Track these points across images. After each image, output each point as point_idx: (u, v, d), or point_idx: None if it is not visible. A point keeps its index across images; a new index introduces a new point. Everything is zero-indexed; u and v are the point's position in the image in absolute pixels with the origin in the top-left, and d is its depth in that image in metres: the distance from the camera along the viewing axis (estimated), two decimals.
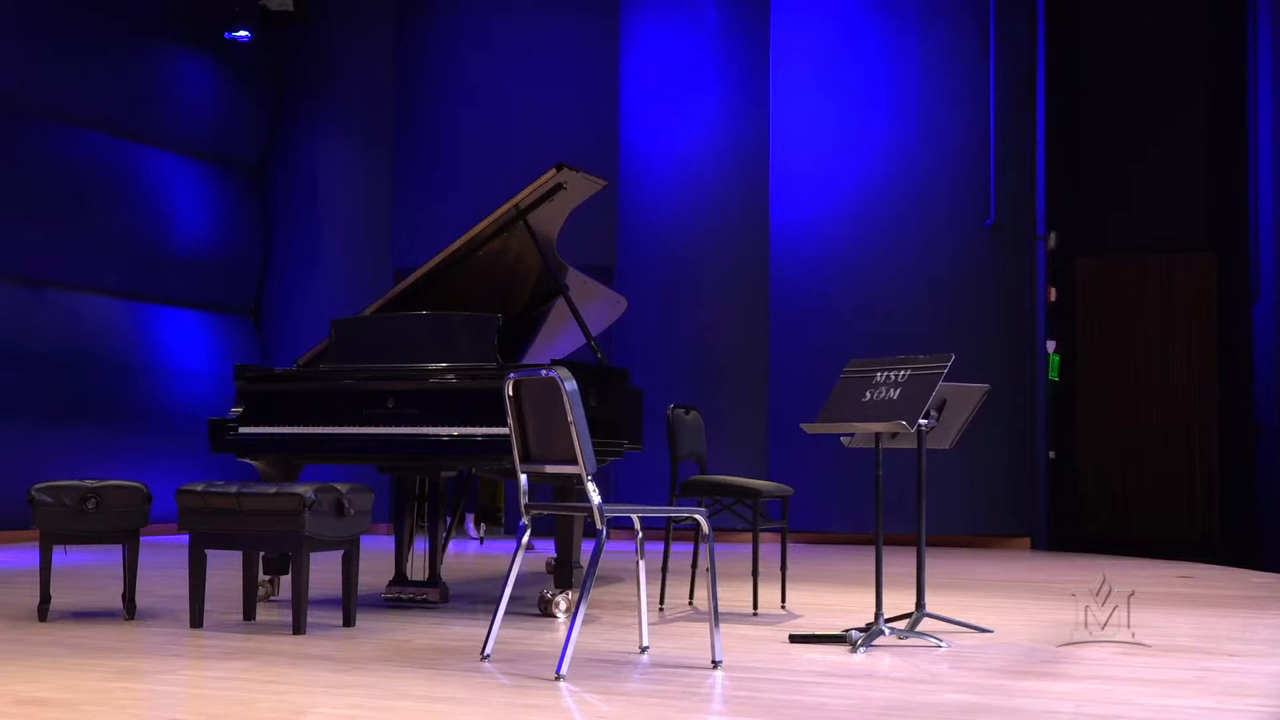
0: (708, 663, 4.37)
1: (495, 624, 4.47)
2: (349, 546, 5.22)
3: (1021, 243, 10.56)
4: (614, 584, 6.96)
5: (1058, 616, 5.61)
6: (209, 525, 5.11)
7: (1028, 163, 10.59)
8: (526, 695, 3.85)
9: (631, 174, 11.21)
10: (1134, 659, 4.55)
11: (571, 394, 4.17)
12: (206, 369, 11.49)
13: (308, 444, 5.95)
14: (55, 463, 9.31)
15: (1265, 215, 9.84)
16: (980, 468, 10.23)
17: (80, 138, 10.57)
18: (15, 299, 9.98)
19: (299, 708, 3.63)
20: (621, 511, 4.34)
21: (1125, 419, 11.74)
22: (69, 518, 5.41)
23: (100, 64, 10.68)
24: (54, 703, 3.66)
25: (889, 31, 10.88)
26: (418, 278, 6.35)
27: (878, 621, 4.88)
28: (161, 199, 11.31)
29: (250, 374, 6.16)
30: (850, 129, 10.88)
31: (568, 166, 6.18)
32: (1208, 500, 11.48)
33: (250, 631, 5.12)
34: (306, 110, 12.35)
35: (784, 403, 10.68)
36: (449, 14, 12.20)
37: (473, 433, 5.61)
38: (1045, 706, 3.70)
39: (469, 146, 11.88)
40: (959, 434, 5.32)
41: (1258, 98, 10.14)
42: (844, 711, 3.62)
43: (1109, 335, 11.86)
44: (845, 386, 5.12)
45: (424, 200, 11.96)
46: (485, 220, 6.28)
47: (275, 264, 12.37)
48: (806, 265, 10.87)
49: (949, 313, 10.52)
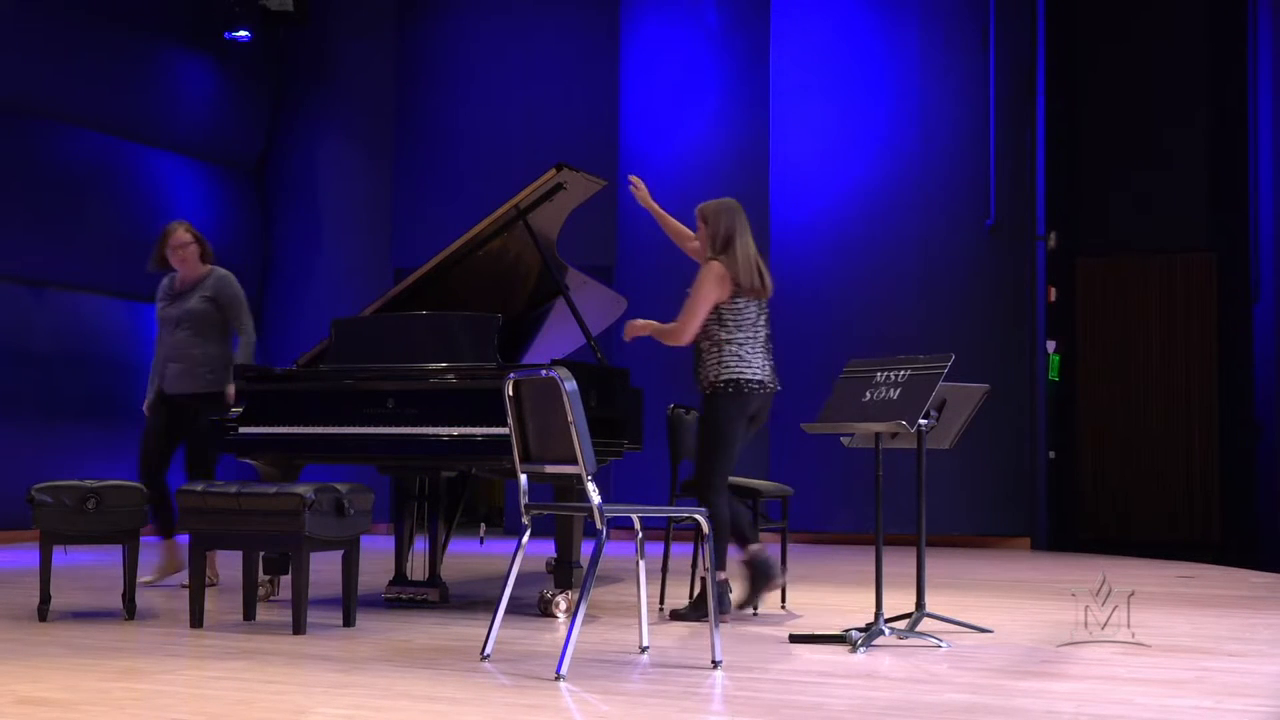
0: (708, 663, 4.37)
1: (495, 624, 4.47)
2: (349, 546, 5.22)
3: (1021, 243, 10.56)
4: (614, 584, 6.96)
5: (1058, 616, 5.61)
6: (209, 525, 5.12)
7: (1028, 163, 10.59)
8: (526, 695, 3.85)
9: (631, 173, 11.19)
10: (1134, 659, 4.55)
11: (571, 394, 4.17)
12: None
13: (308, 444, 5.95)
14: (55, 463, 9.31)
15: (1265, 216, 9.84)
16: (980, 468, 10.23)
17: (80, 138, 10.57)
18: (15, 299, 9.98)
19: (299, 708, 3.63)
20: (621, 511, 4.34)
21: (1125, 419, 11.74)
22: (69, 518, 5.41)
23: (100, 64, 10.68)
24: (54, 703, 3.66)
25: (889, 31, 10.88)
26: (418, 277, 6.35)
27: (878, 621, 4.88)
28: (161, 199, 11.31)
29: (250, 374, 6.16)
30: (850, 129, 10.88)
31: (568, 166, 6.17)
32: (1208, 500, 11.48)
33: (250, 631, 5.12)
34: (306, 110, 12.35)
35: (784, 403, 10.64)
36: (449, 14, 12.20)
37: (473, 433, 5.61)
38: (1045, 706, 3.70)
39: (469, 146, 11.88)
40: (959, 434, 5.32)
41: (1258, 98, 10.14)
42: (844, 711, 3.62)
43: (1109, 335, 11.86)
44: (845, 386, 5.12)
45: (424, 200, 11.96)
46: (485, 220, 6.27)
47: (275, 264, 12.36)
48: (806, 265, 10.87)
49: (949, 313, 10.52)
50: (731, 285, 5.55)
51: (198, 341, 6.81)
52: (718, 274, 5.55)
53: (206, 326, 6.82)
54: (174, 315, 6.88)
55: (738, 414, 5.57)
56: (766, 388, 5.64)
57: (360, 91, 12.27)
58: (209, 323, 6.83)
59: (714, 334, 5.60)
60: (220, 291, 6.86)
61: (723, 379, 5.55)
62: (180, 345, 6.82)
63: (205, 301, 6.83)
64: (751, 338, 5.60)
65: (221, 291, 6.86)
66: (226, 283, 6.90)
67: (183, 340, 6.82)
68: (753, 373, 5.58)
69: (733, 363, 5.55)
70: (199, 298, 6.84)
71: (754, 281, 5.60)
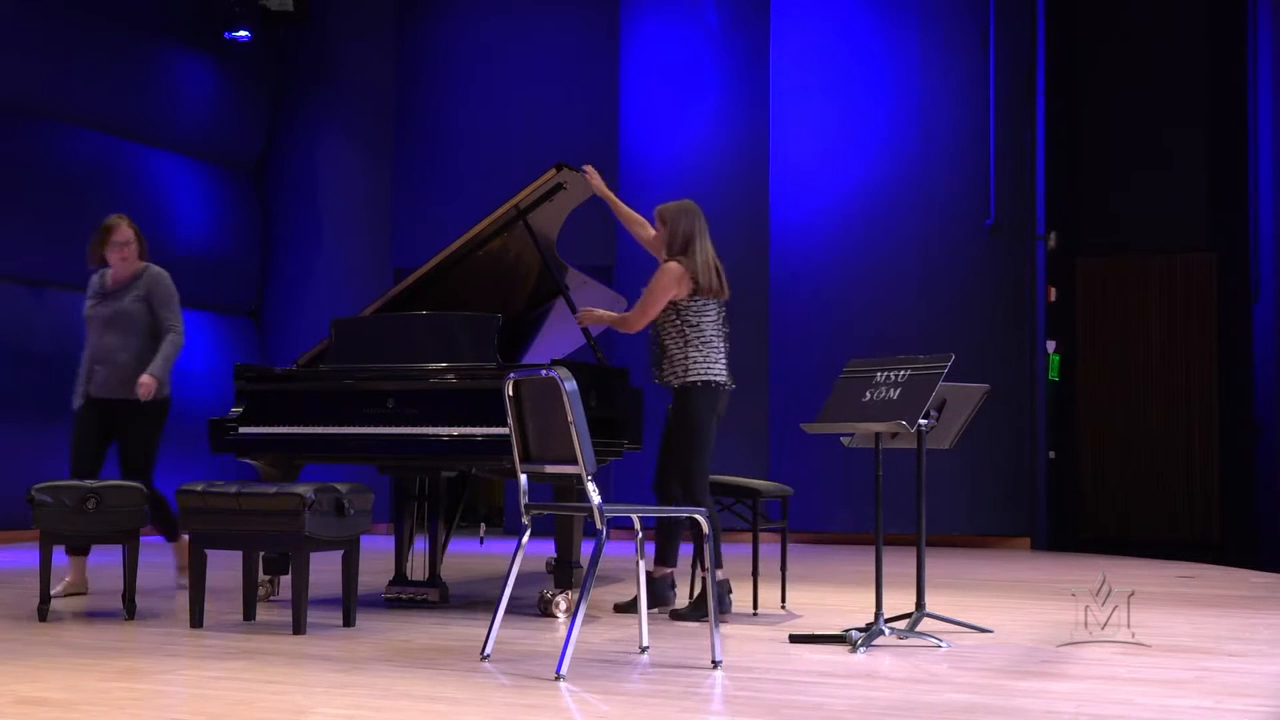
0: (708, 663, 4.37)
1: (495, 624, 4.47)
2: (349, 546, 5.22)
3: (1021, 243, 10.56)
4: (614, 584, 6.96)
5: (1058, 616, 5.61)
6: (209, 525, 5.12)
7: (1028, 163, 10.59)
8: (526, 695, 3.85)
9: (631, 174, 11.20)
10: (1134, 659, 4.55)
11: (571, 394, 4.17)
12: (206, 369, 11.48)
13: (308, 444, 5.95)
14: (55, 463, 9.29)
15: (1265, 216, 9.84)
16: (980, 468, 10.23)
17: (80, 138, 10.57)
18: (15, 299, 9.98)
19: (299, 708, 3.63)
20: (621, 511, 4.34)
21: (1125, 419, 11.74)
22: (69, 518, 5.41)
23: (100, 64, 10.68)
24: (54, 703, 3.66)
25: (889, 31, 10.88)
26: (418, 278, 6.35)
27: (878, 621, 4.88)
28: (161, 199, 11.31)
29: (250, 374, 6.17)
30: (850, 129, 10.88)
31: (568, 166, 6.18)
32: (1208, 500, 11.48)
33: (250, 631, 5.12)
34: (306, 110, 12.35)
35: (784, 403, 10.68)
36: (449, 14, 12.20)
37: (473, 433, 5.61)
38: (1045, 706, 3.70)
39: (469, 146, 11.88)
40: (959, 434, 5.32)
41: (1258, 98, 10.14)
42: (844, 711, 3.62)
43: (1109, 335, 11.86)
44: (845, 386, 5.13)
45: (424, 200, 11.96)
46: (485, 220, 6.28)
47: (275, 264, 12.37)
48: (806, 265, 10.87)
49: (949, 313, 10.52)
50: (690, 284, 5.68)
51: (128, 344, 6.47)
52: (676, 273, 5.68)
53: (136, 328, 6.49)
54: (104, 315, 6.54)
55: (710, 410, 5.71)
56: (729, 386, 5.80)
57: (360, 91, 12.27)
58: (139, 324, 6.49)
59: (681, 333, 5.72)
60: (153, 290, 6.51)
61: (694, 377, 5.67)
62: (109, 349, 6.48)
63: (138, 302, 6.49)
64: (715, 336, 5.74)
65: (154, 290, 6.51)
66: (160, 281, 6.54)
67: (112, 344, 6.48)
68: (719, 370, 5.74)
69: (702, 361, 5.69)
70: (132, 298, 6.51)
71: (713, 282, 5.72)
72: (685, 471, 5.67)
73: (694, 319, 5.69)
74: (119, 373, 6.45)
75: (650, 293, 5.72)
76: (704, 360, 5.68)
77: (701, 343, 5.70)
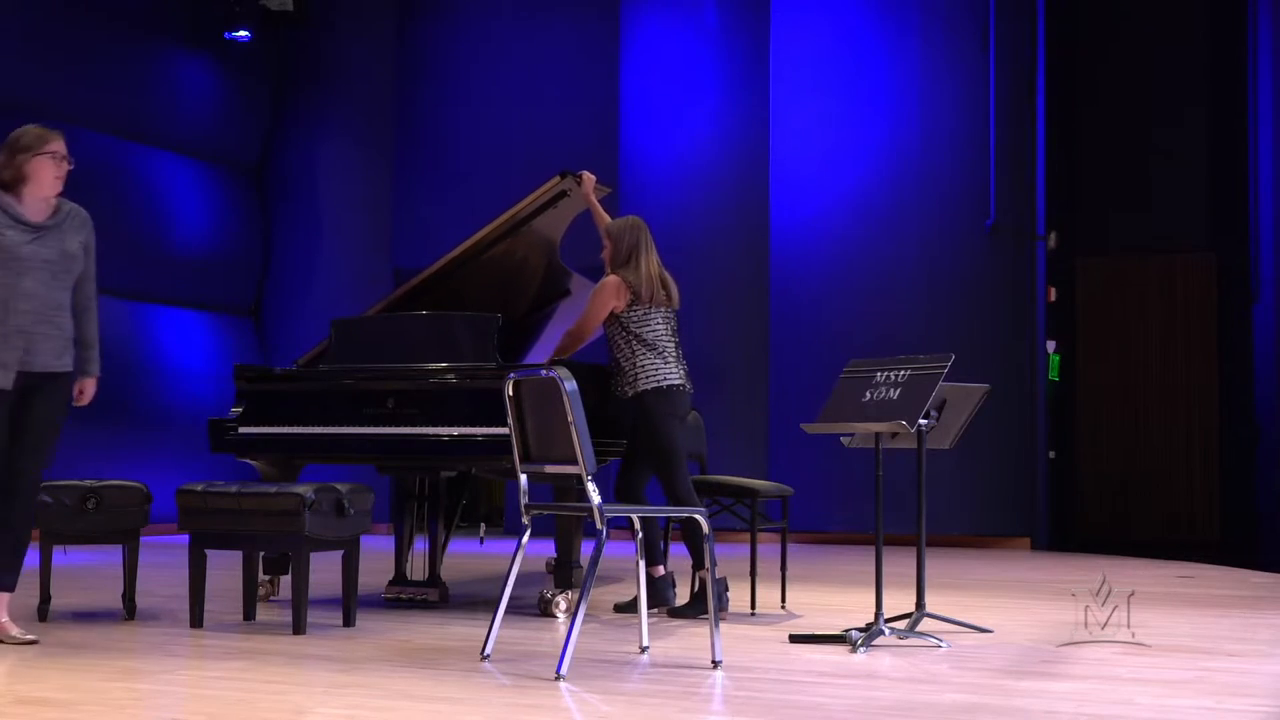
0: (708, 663, 4.36)
1: (495, 624, 4.47)
2: (349, 546, 5.22)
3: (1021, 243, 10.56)
4: (614, 584, 6.96)
5: (1058, 616, 5.61)
6: (209, 525, 5.11)
7: (1028, 163, 10.59)
8: (526, 695, 3.85)
9: (631, 174, 11.20)
10: (1134, 659, 4.55)
11: (571, 394, 4.17)
12: (206, 369, 11.48)
13: (308, 444, 5.95)
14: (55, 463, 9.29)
15: (1265, 215, 9.84)
16: (980, 468, 10.22)
17: (80, 138, 10.52)
18: None
19: (299, 708, 3.63)
20: (621, 511, 4.34)
21: (1125, 419, 11.74)
22: (69, 518, 5.41)
23: (100, 64, 10.67)
24: (54, 703, 3.66)
25: (889, 31, 10.88)
26: (420, 281, 6.35)
27: (878, 621, 4.87)
28: (161, 199, 11.31)
29: (250, 374, 6.16)
30: (850, 129, 10.88)
31: (571, 174, 6.20)
32: (1208, 500, 11.48)
33: (250, 631, 5.12)
34: (306, 110, 12.35)
35: (784, 403, 10.68)
36: (449, 14, 12.20)
37: (473, 433, 5.61)
38: (1045, 706, 3.70)
39: (469, 146, 11.88)
40: (959, 434, 5.32)
41: (1258, 97, 10.14)
42: (844, 711, 3.62)
43: (1109, 335, 11.86)
44: (845, 386, 5.13)
45: (424, 200, 11.96)
46: (489, 225, 6.29)
47: (275, 264, 12.36)
48: (807, 265, 10.87)
49: (949, 313, 10.52)
50: (628, 295, 5.74)
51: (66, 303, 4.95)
52: (612, 286, 5.76)
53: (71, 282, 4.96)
54: (42, 256, 4.79)
55: (669, 413, 5.73)
56: (686, 389, 5.82)
57: (360, 91, 12.27)
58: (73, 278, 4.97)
59: (628, 343, 5.77)
60: (90, 239, 5.04)
61: (645, 384, 5.71)
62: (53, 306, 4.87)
63: (81, 248, 4.98)
64: (665, 342, 5.78)
65: (91, 239, 5.04)
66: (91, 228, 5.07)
67: (58, 298, 4.88)
68: (672, 373, 5.76)
69: (651, 367, 5.72)
70: (77, 242, 4.94)
71: (656, 293, 5.79)
72: (665, 482, 5.72)
73: (636, 328, 5.74)
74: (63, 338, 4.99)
75: (588, 305, 5.84)
76: (652, 366, 5.72)
77: (649, 350, 5.74)
